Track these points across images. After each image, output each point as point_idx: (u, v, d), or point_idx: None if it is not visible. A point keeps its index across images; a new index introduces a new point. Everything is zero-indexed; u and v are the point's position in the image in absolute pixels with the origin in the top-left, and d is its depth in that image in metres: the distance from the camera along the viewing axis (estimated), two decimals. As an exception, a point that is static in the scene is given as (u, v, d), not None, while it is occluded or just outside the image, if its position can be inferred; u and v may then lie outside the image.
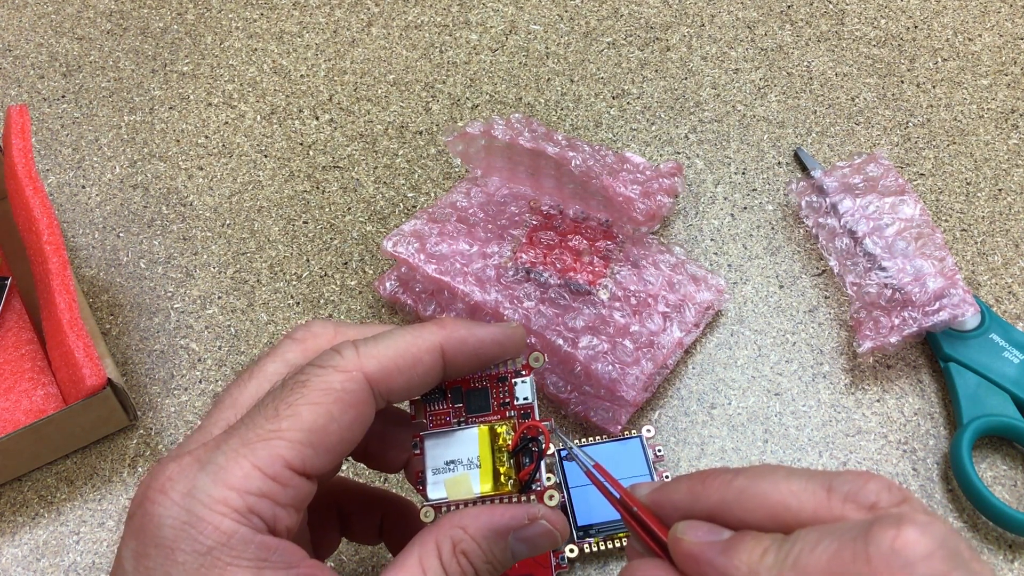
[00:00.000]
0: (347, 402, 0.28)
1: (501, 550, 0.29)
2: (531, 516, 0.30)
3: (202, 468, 0.26)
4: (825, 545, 0.23)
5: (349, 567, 0.42)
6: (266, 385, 0.29)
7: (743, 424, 0.46)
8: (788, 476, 0.25)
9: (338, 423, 0.27)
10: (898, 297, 0.47)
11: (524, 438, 0.30)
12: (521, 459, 0.30)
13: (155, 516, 0.26)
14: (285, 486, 0.26)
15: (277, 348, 0.31)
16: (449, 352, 0.30)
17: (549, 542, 0.30)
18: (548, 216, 0.50)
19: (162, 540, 0.25)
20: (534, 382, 0.32)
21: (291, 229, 0.54)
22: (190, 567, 0.25)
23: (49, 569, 0.43)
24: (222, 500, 0.26)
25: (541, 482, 0.30)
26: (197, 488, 0.26)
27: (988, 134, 0.58)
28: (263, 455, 0.26)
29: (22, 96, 0.61)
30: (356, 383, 0.28)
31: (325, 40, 0.64)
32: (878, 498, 0.24)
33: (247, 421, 0.27)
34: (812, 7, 0.65)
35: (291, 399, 0.27)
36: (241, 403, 0.29)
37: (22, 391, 0.47)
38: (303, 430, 0.27)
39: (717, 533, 0.26)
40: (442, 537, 0.29)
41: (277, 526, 0.27)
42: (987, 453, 0.45)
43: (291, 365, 0.30)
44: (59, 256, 0.44)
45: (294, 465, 0.27)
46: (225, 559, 0.25)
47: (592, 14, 0.65)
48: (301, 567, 0.27)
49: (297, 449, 0.27)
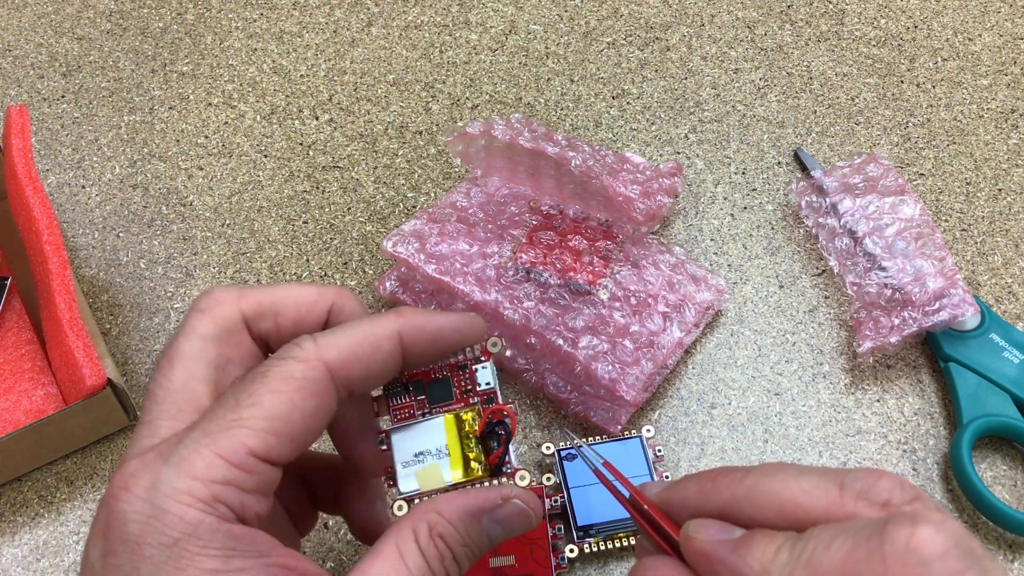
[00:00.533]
0: (308, 390, 0.28)
1: (477, 533, 0.29)
2: (504, 497, 0.30)
3: (165, 461, 0.26)
4: (839, 543, 0.23)
5: (348, 567, 0.42)
6: (192, 365, 0.29)
7: (743, 424, 0.46)
8: (799, 474, 0.25)
9: (300, 411, 0.27)
10: (898, 297, 0.47)
11: (490, 422, 0.31)
12: (489, 443, 0.31)
13: (119, 513, 0.26)
14: (250, 473, 0.26)
15: (186, 324, 0.30)
16: (407, 339, 0.30)
17: (524, 522, 0.30)
18: (548, 216, 0.50)
19: (128, 536, 0.25)
20: (494, 367, 0.32)
21: (291, 229, 0.54)
22: (158, 560, 0.25)
23: (49, 569, 0.43)
24: (186, 490, 0.25)
25: (511, 463, 0.30)
26: (160, 481, 0.26)
27: (988, 134, 0.58)
28: (226, 444, 0.26)
29: (22, 96, 0.61)
30: (316, 371, 0.28)
31: (325, 40, 0.64)
32: (891, 495, 0.24)
33: (208, 414, 0.27)
34: (812, 7, 0.65)
35: (252, 388, 0.27)
36: (175, 391, 0.29)
37: (22, 391, 0.47)
38: (265, 418, 0.27)
39: (729, 531, 0.26)
40: (418, 522, 0.29)
41: (245, 513, 0.26)
42: (987, 453, 0.45)
43: (206, 339, 0.30)
44: (59, 256, 0.44)
45: (257, 452, 0.26)
46: (193, 549, 0.25)
47: (592, 14, 0.65)
48: (273, 555, 0.27)
49: (260, 436, 0.26)
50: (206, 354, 0.30)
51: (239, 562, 0.26)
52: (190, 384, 0.29)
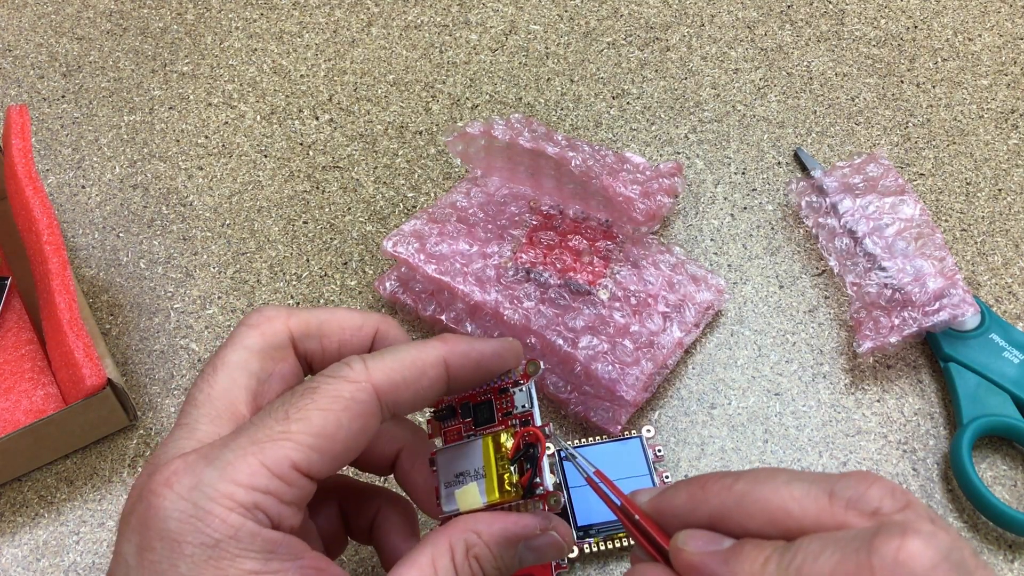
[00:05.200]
0: (355, 411, 0.28)
1: (511, 556, 0.30)
2: (543, 527, 0.30)
3: (209, 464, 0.27)
4: (828, 555, 0.23)
5: (348, 567, 0.42)
6: (236, 374, 0.30)
7: (743, 424, 0.46)
8: (789, 481, 0.25)
9: (346, 430, 0.28)
10: (898, 297, 0.47)
11: (523, 444, 0.31)
12: (523, 465, 0.31)
13: (160, 509, 0.26)
14: (290, 485, 0.27)
15: (235, 337, 0.31)
16: (452, 366, 0.31)
17: (556, 552, 0.31)
18: (548, 216, 0.50)
19: (167, 533, 0.26)
20: (532, 389, 0.32)
21: (291, 229, 0.54)
22: (198, 559, 0.25)
23: (49, 569, 0.43)
24: (228, 495, 0.26)
25: (543, 486, 0.30)
26: (203, 483, 0.26)
27: (988, 134, 0.58)
28: (271, 454, 0.27)
29: (22, 96, 0.61)
30: (365, 393, 0.28)
31: (325, 40, 0.64)
32: (880, 504, 0.24)
33: (256, 421, 0.28)
34: (812, 7, 0.65)
35: (302, 403, 0.28)
36: (215, 396, 0.30)
37: (22, 391, 0.47)
38: (312, 434, 0.27)
39: (718, 542, 0.26)
40: (456, 540, 0.29)
41: (282, 524, 0.27)
42: (987, 453, 0.45)
43: (252, 351, 0.31)
44: (59, 256, 0.44)
45: (300, 466, 0.27)
46: (233, 551, 0.26)
47: (592, 14, 0.65)
48: (306, 558, 0.27)
49: (304, 452, 0.27)
50: (250, 366, 0.31)
51: (276, 564, 0.26)
52: (232, 392, 0.30)
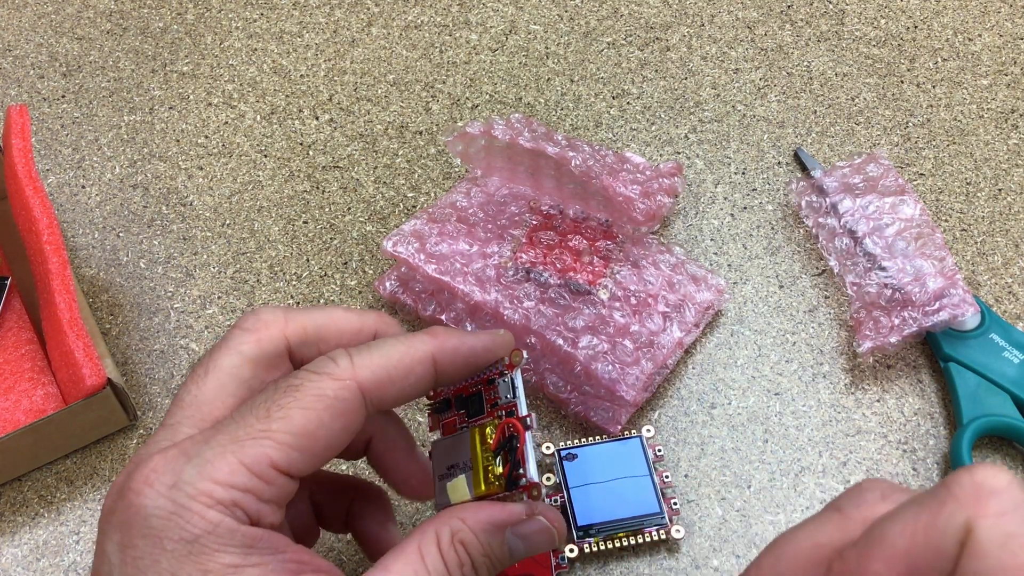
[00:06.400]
0: (338, 410, 0.28)
1: (498, 544, 0.30)
2: (528, 512, 0.30)
3: (188, 461, 0.27)
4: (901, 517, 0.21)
5: (349, 567, 0.42)
6: (226, 380, 0.30)
7: (743, 424, 0.46)
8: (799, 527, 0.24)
9: (327, 429, 0.28)
10: (898, 297, 0.47)
11: (505, 436, 0.31)
12: (506, 456, 0.31)
13: (141, 507, 0.26)
14: (269, 484, 0.27)
15: (228, 340, 0.31)
16: (441, 362, 0.30)
17: (546, 539, 0.31)
18: (548, 216, 0.50)
19: (149, 530, 0.26)
20: (516, 379, 0.32)
21: (291, 229, 0.54)
22: (179, 554, 0.26)
23: (49, 569, 0.43)
24: (207, 492, 0.26)
25: (526, 476, 0.30)
26: (183, 480, 0.26)
27: (988, 134, 0.58)
28: (251, 453, 0.27)
29: (22, 96, 0.61)
30: (349, 392, 0.28)
31: (325, 40, 0.64)
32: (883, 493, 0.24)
33: (237, 419, 0.28)
34: (812, 7, 0.65)
35: (283, 401, 0.27)
36: (202, 400, 0.29)
37: (22, 391, 0.47)
38: (292, 433, 0.27)
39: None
40: (441, 527, 0.29)
41: (261, 520, 0.27)
42: (987, 453, 0.45)
43: (246, 358, 0.30)
44: (59, 256, 0.44)
45: (280, 465, 0.27)
46: (213, 546, 0.26)
47: (592, 14, 0.65)
48: (288, 552, 0.27)
49: (284, 451, 0.27)
50: (241, 373, 0.30)
51: (256, 558, 0.26)
52: (220, 398, 0.30)
